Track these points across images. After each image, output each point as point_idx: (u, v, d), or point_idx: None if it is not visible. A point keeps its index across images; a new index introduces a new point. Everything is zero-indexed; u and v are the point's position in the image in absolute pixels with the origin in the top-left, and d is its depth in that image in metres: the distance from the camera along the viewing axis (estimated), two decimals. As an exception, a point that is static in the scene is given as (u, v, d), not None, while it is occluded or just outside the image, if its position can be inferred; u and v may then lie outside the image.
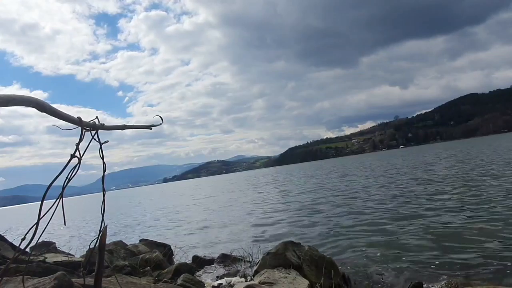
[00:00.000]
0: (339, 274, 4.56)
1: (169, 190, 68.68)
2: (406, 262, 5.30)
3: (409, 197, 11.33)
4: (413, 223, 7.69)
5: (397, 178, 18.84)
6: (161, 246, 7.98)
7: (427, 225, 7.27)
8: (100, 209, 1.53)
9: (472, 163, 21.58)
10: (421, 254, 5.53)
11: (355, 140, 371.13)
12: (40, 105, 1.06)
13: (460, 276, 4.39)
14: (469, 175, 14.78)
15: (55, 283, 2.91)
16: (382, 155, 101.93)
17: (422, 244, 6.04)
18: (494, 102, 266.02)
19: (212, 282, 5.08)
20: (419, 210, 8.92)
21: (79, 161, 1.27)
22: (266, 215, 12.36)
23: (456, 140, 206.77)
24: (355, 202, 12.23)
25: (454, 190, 11.30)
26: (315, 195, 16.59)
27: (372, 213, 9.63)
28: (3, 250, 5.66)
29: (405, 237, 6.67)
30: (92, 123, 1.34)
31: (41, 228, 1.16)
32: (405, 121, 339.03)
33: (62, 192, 1.26)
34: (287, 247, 4.79)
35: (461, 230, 6.55)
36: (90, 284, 2.17)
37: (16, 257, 1.62)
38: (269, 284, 3.92)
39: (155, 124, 1.73)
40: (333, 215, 10.28)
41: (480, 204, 8.56)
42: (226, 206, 17.80)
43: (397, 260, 5.41)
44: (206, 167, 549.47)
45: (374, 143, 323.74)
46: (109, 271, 4.89)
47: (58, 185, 1.29)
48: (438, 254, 5.42)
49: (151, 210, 23.28)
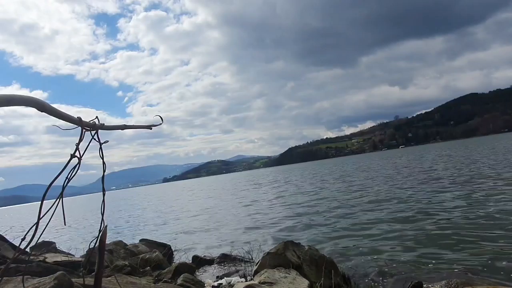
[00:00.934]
0: (339, 274, 4.56)
1: (169, 190, 68.70)
2: (406, 262, 5.30)
3: (409, 197, 11.32)
4: (413, 223, 7.69)
5: (397, 178, 18.84)
6: (161, 246, 7.98)
7: (427, 225, 7.27)
8: (100, 209, 1.53)
9: (473, 163, 21.57)
10: (421, 254, 5.53)
11: (355, 140, 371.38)
12: (40, 105, 1.06)
13: (460, 276, 4.39)
14: (470, 175, 14.78)
15: (55, 283, 2.91)
16: (382, 155, 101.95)
17: (422, 244, 6.04)
18: (494, 102, 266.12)
19: (212, 282, 5.08)
20: (419, 210, 8.92)
21: (79, 161, 1.27)
22: (266, 215, 12.36)
23: (456, 140, 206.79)
24: (355, 202, 12.23)
25: (454, 190, 11.30)
26: (315, 195, 16.59)
27: (372, 213, 9.63)
28: (3, 250, 5.66)
29: (405, 237, 6.66)
30: (92, 123, 1.34)
31: (41, 228, 1.16)
32: (405, 121, 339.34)
33: (62, 192, 1.26)
34: (287, 247, 4.79)
35: (461, 230, 6.54)
36: (90, 284, 2.17)
37: (16, 257, 1.62)
38: (269, 284, 3.91)
39: (155, 124, 1.72)
40: (333, 215, 10.28)
41: (480, 204, 8.56)
42: (226, 206, 17.80)
43: (397, 260, 5.41)
44: (206, 167, 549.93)
45: (374, 143, 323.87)
46: (109, 271, 4.89)
47: (58, 185, 1.29)
48: (438, 254, 5.42)
49: (151, 210, 23.28)
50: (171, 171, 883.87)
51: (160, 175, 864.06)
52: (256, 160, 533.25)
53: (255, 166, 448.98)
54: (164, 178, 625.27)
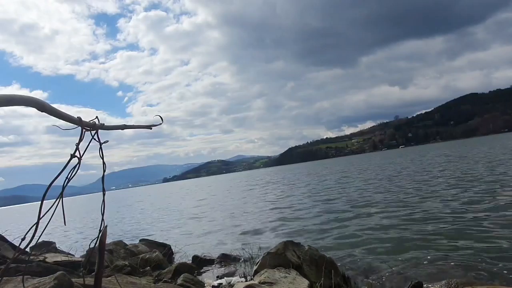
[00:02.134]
0: (339, 274, 4.56)
1: (169, 190, 68.69)
2: (406, 262, 5.30)
3: (409, 198, 11.32)
4: (413, 223, 7.69)
5: (396, 178, 18.84)
6: (161, 246, 7.98)
7: (427, 225, 7.27)
8: (100, 209, 1.53)
9: (475, 163, 21.57)
10: (421, 254, 5.53)
11: (355, 140, 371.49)
12: (40, 105, 1.06)
13: (460, 276, 4.39)
14: (470, 175, 14.77)
15: (55, 283, 2.91)
16: (382, 155, 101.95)
17: (422, 244, 6.03)
18: (494, 102, 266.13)
19: (212, 282, 5.08)
20: (419, 211, 8.92)
21: (79, 161, 1.27)
22: (267, 215, 12.36)
23: (456, 140, 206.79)
24: (355, 202, 12.23)
25: (455, 190, 11.30)
26: (315, 195, 16.59)
27: (372, 213, 9.64)
28: (3, 250, 5.66)
29: (405, 237, 6.67)
30: (92, 123, 1.34)
31: (41, 228, 1.16)
32: (405, 121, 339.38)
33: (62, 192, 1.26)
34: (287, 247, 4.79)
35: (461, 230, 6.55)
36: (90, 284, 2.17)
37: (16, 257, 1.62)
38: (269, 284, 3.91)
39: (155, 124, 1.72)
40: (333, 215, 10.28)
41: (480, 204, 8.56)
42: (227, 206, 17.80)
43: (397, 260, 5.41)
44: (206, 167, 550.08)
45: (374, 143, 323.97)
46: (109, 271, 4.90)
47: (58, 185, 1.29)
48: (438, 254, 5.42)
49: (151, 210, 23.27)
50: (171, 171, 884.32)
51: (160, 175, 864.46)
52: (256, 160, 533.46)
53: (255, 166, 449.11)
54: (164, 178, 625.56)
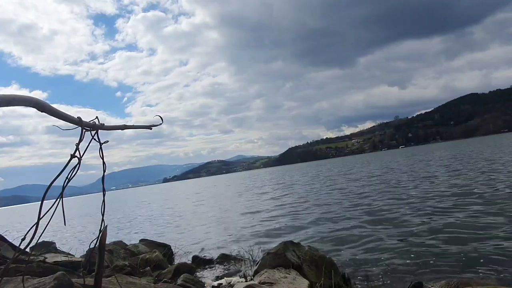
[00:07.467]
0: (339, 274, 4.56)
1: (169, 191, 68.69)
2: (406, 262, 5.30)
3: (409, 198, 11.32)
4: (413, 223, 7.68)
5: (396, 178, 18.83)
6: (161, 246, 7.98)
7: (426, 226, 7.27)
8: (100, 209, 1.53)
9: (475, 163, 21.56)
10: (421, 254, 5.52)
11: (355, 140, 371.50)
12: (40, 105, 1.06)
13: (460, 276, 4.39)
14: (470, 175, 14.77)
15: (55, 283, 2.91)
16: (382, 155, 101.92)
17: (422, 244, 6.04)
18: (494, 102, 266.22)
19: (212, 282, 5.08)
20: (419, 211, 8.92)
21: (79, 161, 1.27)
22: (267, 215, 12.36)
23: (456, 140, 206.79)
24: (355, 202, 12.22)
25: (455, 190, 11.29)
26: (315, 195, 16.59)
27: (372, 213, 9.63)
28: (3, 250, 5.65)
29: (405, 237, 6.66)
30: (92, 123, 1.34)
31: (41, 228, 1.16)
32: (405, 121, 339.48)
33: (62, 192, 1.26)
34: (287, 247, 4.79)
35: (461, 230, 6.54)
36: (90, 284, 2.17)
37: (16, 257, 1.62)
38: (269, 284, 3.91)
39: (155, 124, 1.73)
40: (333, 215, 10.27)
41: (480, 204, 8.56)
42: (227, 207, 17.80)
43: (397, 260, 5.41)
44: (206, 167, 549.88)
45: (374, 143, 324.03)
46: (109, 271, 4.89)
47: (58, 185, 1.29)
48: (438, 254, 5.41)
49: (151, 210, 23.27)
50: (171, 171, 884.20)
51: (160, 175, 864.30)
52: (256, 160, 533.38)
53: (255, 166, 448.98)
54: (164, 178, 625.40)
